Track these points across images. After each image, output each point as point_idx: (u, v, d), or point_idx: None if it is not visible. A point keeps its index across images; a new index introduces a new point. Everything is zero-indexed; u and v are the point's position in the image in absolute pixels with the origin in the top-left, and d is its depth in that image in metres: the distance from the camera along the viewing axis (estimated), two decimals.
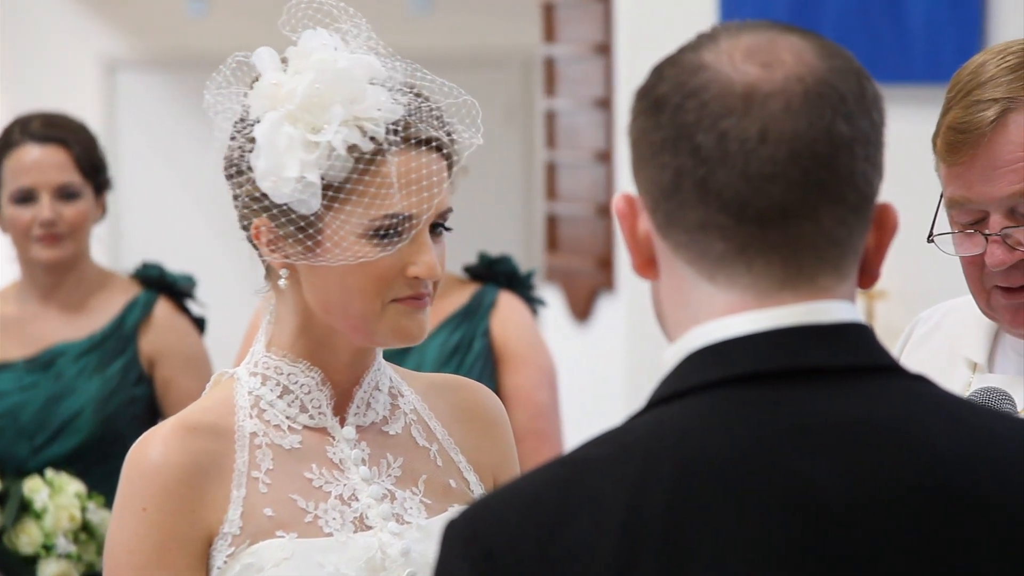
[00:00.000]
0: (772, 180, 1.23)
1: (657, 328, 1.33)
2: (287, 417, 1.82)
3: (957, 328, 1.99)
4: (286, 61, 1.81)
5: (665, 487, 1.19)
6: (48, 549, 3.02)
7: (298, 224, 1.77)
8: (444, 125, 1.79)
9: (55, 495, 3.03)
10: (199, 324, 3.28)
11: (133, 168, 7.54)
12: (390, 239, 1.76)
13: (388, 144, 1.76)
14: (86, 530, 3.05)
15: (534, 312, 3.14)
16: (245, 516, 1.77)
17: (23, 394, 3.15)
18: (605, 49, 5.13)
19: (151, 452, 1.77)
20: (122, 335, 3.20)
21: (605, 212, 5.14)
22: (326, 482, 1.80)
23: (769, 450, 1.21)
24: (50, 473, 3.07)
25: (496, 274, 3.11)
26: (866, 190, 1.26)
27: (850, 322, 1.26)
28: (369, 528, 1.80)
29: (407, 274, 1.78)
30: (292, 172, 1.75)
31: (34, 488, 3.04)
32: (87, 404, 3.15)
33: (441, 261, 1.81)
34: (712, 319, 1.25)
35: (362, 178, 1.76)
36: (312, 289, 1.80)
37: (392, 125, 1.76)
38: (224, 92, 1.81)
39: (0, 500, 3.07)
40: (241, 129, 1.80)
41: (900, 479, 1.21)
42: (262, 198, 1.78)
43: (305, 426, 1.83)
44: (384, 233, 1.76)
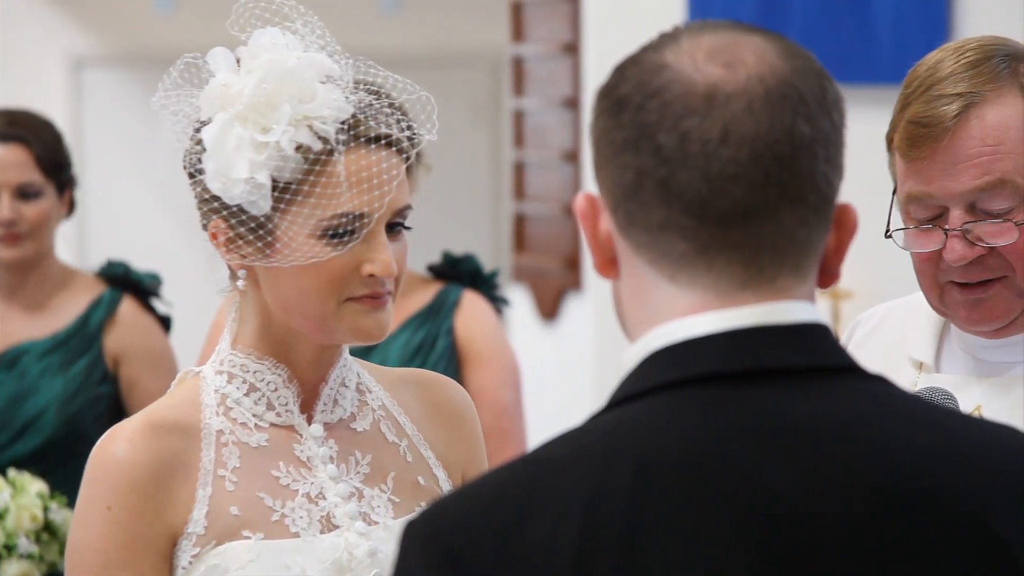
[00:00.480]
0: (734, 181, 1.23)
1: None
2: (254, 415, 1.82)
3: (901, 329, 1.98)
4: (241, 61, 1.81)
5: (624, 487, 1.19)
6: (10, 549, 3.00)
7: (250, 225, 1.77)
8: (400, 122, 1.79)
9: (17, 495, 3.01)
10: (165, 323, 3.26)
11: (99, 166, 7.51)
12: (341, 239, 1.76)
13: (337, 143, 1.75)
14: (48, 530, 3.03)
15: (498, 311, 3.14)
16: (211, 515, 1.76)
17: None
18: (573, 49, 5.14)
19: (116, 450, 1.76)
20: (86, 334, 3.19)
21: (573, 212, 5.15)
22: (293, 480, 1.80)
23: (728, 450, 1.21)
24: (12, 473, 3.05)
25: (460, 273, 3.11)
26: (826, 190, 1.26)
27: (810, 323, 1.26)
28: (336, 528, 1.80)
29: (362, 272, 1.78)
30: (241, 173, 1.75)
31: None
32: (50, 403, 3.14)
33: (401, 259, 1.80)
34: (672, 319, 1.25)
35: (311, 178, 1.75)
36: (269, 289, 1.80)
37: (341, 124, 1.76)
38: (173, 93, 1.80)
39: None
40: (195, 130, 1.79)
41: (858, 479, 1.21)
42: (215, 199, 1.78)
43: (272, 424, 1.82)
44: (336, 232, 1.76)
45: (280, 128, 1.75)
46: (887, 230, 1.91)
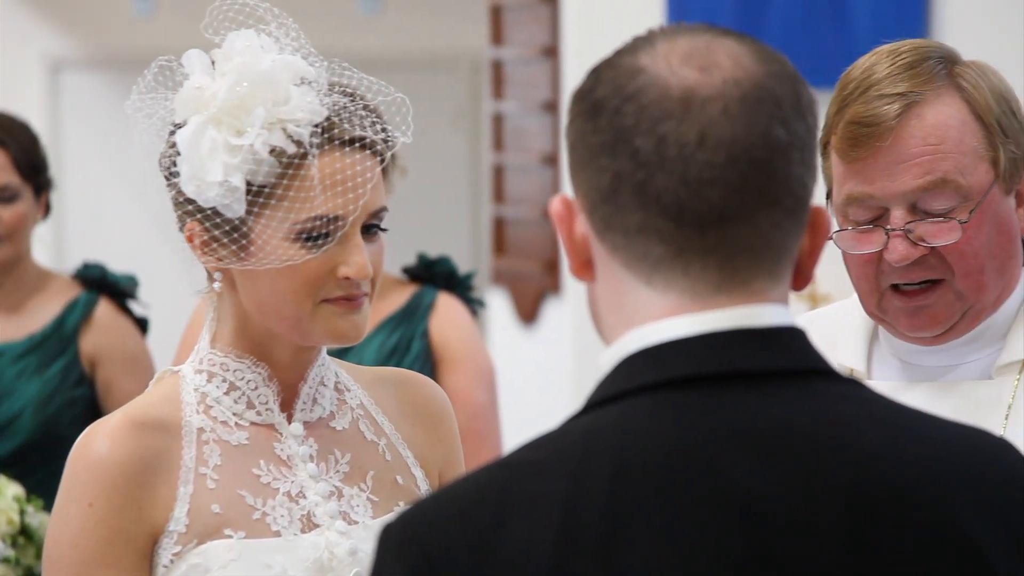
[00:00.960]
0: (711, 184, 1.23)
1: None
2: (234, 413, 1.82)
3: (829, 338, 1.96)
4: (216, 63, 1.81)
5: (601, 490, 1.20)
6: None
7: (225, 228, 1.77)
8: (375, 124, 1.79)
9: None
10: (141, 325, 3.26)
11: (77, 168, 7.50)
12: (316, 241, 1.76)
13: (311, 145, 1.75)
14: (24, 534, 3.02)
15: (473, 313, 3.14)
16: (192, 513, 1.76)
17: None
18: (552, 52, 5.14)
19: (97, 446, 1.76)
20: (62, 336, 3.18)
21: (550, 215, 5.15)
22: (274, 479, 1.80)
23: (704, 453, 1.21)
24: None
25: (435, 275, 3.11)
26: (801, 194, 1.27)
27: (784, 326, 1.27)
28: (316, 527, 1.80)
29: (338, 275, 1.78)
30: (215, 176, 1.75)
31: None
32: (26, 406, 3.13)
33: (378, 261, 1.81)
34: (648, 322, 1.26)
35: (285, 181, 1.76)
36: (245, 291, 1.80)
37: (315, 127, 1.76)
38: (147, 96, 1.80)
39: None
40: (171, 133, 1.80)
41: (833, 481, 1.22)
42: (190, 202, 1.78)
43: (252, 422, 1.82)
44: (311, 235, 1.76)
45: (254, 131, 1.75)
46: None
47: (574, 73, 5.01)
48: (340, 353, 2.80)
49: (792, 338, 1.26)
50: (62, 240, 7.47)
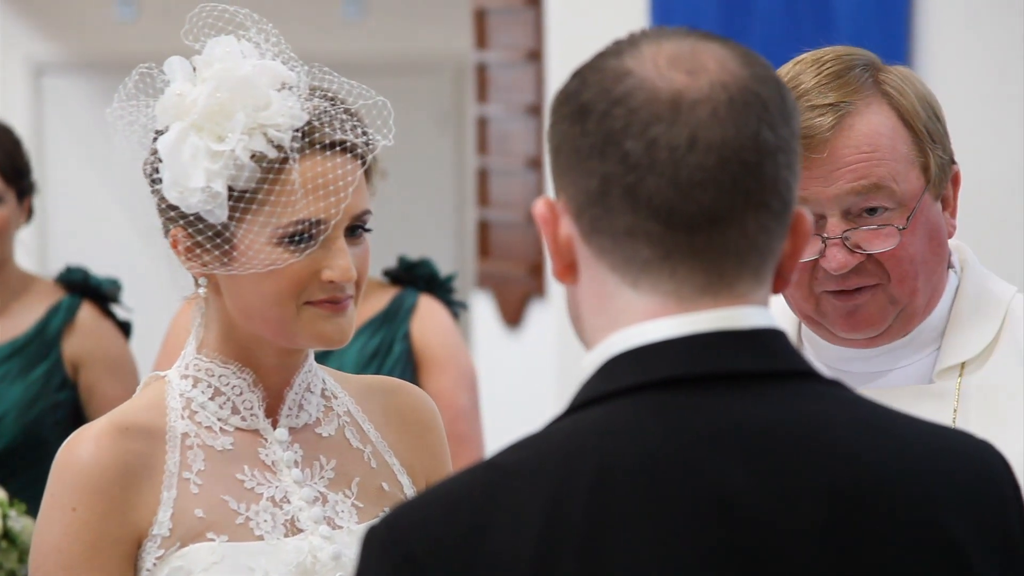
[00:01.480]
0: (701, 187, 1.24)
1: None
2: (219, 419, 1.82)
3: None
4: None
5: (583, 491, 1.20)
6: None
7: (208, 234, 1.77)
8: (356, 127, 1.79)
9: None
10: (124, 328, 3.25)
11: (60, 172, 7.48)
12: (299, 245, 1.76)
13: (292, 150, 1.76)
14: (7, 538, 3.01)
15: (455, 316, 3.14)
16: (175, 517, 1.77)
17: None
18: (536, 56, 5.14)
19: (82, 452, 1.76)
20: (45, 340, 3.17)
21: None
22: (258, 484, 1.80)
23: (686, 454, 1.21)
24: None
25: (416, 278, 3.11)
26: (787, 196, 1.27)
27: (766, 327, 1.27)
28: (300, 531, 1.80)
29: (322, 278, 1.78)
30: (198, 182, 1.75)
31: None
32: (9, 410, 3.12)
33: (362, 263, 1.81)
34: (632, 324, 1.25)
35: (267, 186, 1.76)
36: (230, 296, 1.80)
37: (296, 131, 1.76)
38: (128, 104, 1.80)
39: None
40: (153, 140, 1.80)
41: (814, 482, 1.22)
42: (174, 208, 1.78)
43: (237, 428, 1.83)
44: (294, 239, 1.76)
45: (235, 137, 1.75)
46: None
47: (558, 77, 5.01)
48: (321, 356, 2.81)
49: (774, 340, 1.26)
50: (45, 244, 7.45)
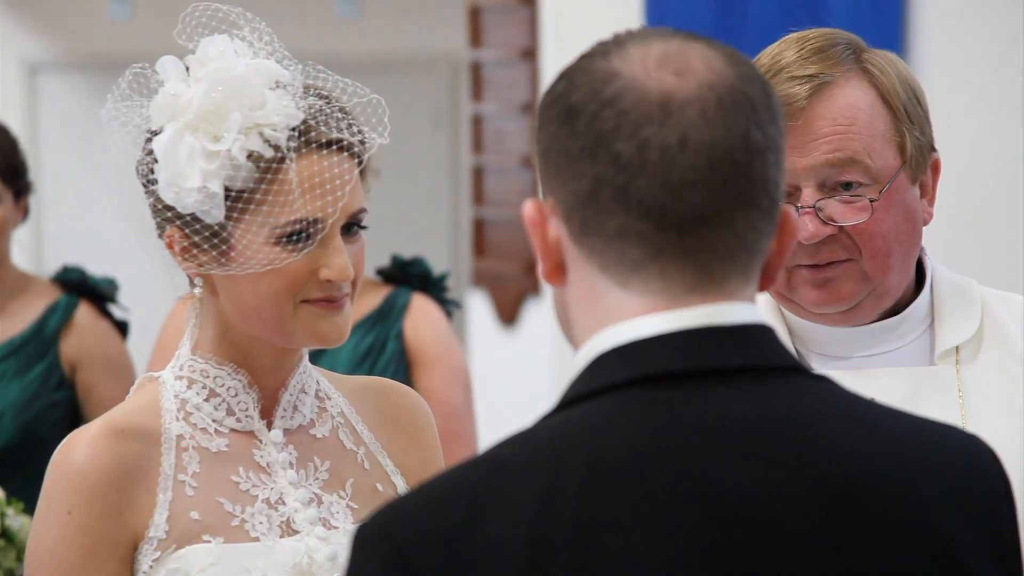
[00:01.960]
0: (693, 187, 1.24)
1: None
2: (214, 420, 1.82)
3: None
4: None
5: (574, 487, 1.20)
6: None
7: (205, 234, 1.77)
8: (351, 126, 1.79)
9: None
10: (121, 328, 3.25)
11: (55, 171, 7.48)
12: (295, 244, 1.77)
13: (288, 149, 1.76)
14: (5, 536, 3.02)
15: (448, 314, 3.14)
16: (171, 520, 1.77)
17: None
18: (531, 54, 5.15)
19: (77, 455, 1.76)
20: (42, 340, 3.17)
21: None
22: (253, 485, 1.80)
23: (676, 449, 1.22)
24: None
25: (409, 276, 3.11)
26: (776, 195, 1.28)
27: (753, 323, 1.28)
28: (296, 533, 1.80)
29: (319, 277, 1.78)
30: (194, 182, 1.75)
31: None
32: (7, 409, 3.12)
33: (358, 260, 1.81)
34: (621, 322, 1.26)
35: (264, 185, 1.76)
36: (227, 296, 1.80)
37: (292, 130, 1.76)
38: (122, 104, 1.80)
39: None
40: (147, 140, 1.80)
41: (804, 477, 1.23)
42: (169, 209, 1.78)
43: (232, 429, 1.83)
44: (291, 238, 1.76)
45: (231, 136, 1.75)
46: None
47: (553, 75, 5.01)
48: (316, 354, 2.81)
49: (762, 335, 1.27)
50: (41, 243, 7.45)
